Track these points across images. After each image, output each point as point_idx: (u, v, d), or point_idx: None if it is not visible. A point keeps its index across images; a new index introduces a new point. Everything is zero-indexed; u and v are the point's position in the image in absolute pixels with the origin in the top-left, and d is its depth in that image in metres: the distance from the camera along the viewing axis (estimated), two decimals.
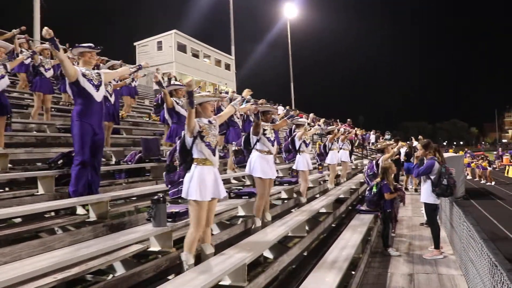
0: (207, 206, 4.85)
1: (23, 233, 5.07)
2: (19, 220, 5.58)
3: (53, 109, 11.14)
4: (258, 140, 7.10)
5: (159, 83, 8.60)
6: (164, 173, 5.23)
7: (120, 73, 7.61)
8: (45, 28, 5.44)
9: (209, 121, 5.01)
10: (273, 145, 7.18)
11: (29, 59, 10.30)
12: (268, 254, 6.60)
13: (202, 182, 4.74)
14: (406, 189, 15.89)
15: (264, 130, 7.11)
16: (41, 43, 17.67)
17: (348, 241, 6.94)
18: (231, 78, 48.24)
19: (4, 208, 5.20)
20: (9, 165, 6.98)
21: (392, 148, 10.15)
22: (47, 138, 9.02)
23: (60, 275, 3.98)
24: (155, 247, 5.33)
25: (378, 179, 7.94)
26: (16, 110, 9.89)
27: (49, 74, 10.13)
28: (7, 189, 6.62)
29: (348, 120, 22.95)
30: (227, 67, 48.31)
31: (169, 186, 5.15)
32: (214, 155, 4.92)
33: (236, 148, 7.71)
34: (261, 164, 7.00)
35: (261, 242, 5.76)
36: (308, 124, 10.39)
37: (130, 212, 6.70)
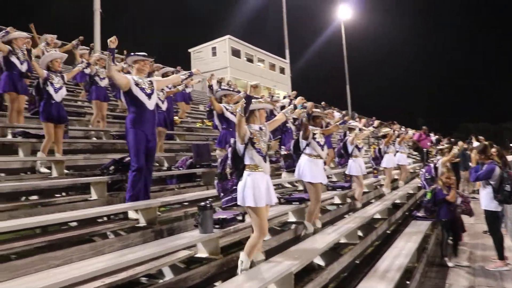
0: (264, 210, 4.84)
1: (76, 237, 5.21)
2: (75, 224, 5.76)
3: (109, 117, 11.51)
4: (307, 145, 6.99)
5: (210, 87, 8.66)
6: (215, 181, 5.21)
7: (171, 81, 7.72)
8: (114, 36, 5.67)
9: (260, 128, 4.97)
10: (323, 150, 7.05)
11: (88, 69, 10.68)
12: (320, 261, 6.45)
13: (255, 188, 4.73)
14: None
15: (314, 134, 7.00)
16: (101, 53, 18.31)
17: (402, 249, 6.68)
18: (286, 82, 48.09)
19: (59, 212, 5.40)
20: (66, 171, 7.25)
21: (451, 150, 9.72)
22: (103, 145, 9.31)
23: (108, 280, 4.05)
24: (202, 253, 5.33)
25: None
26: (75, 118, 10.27)
27: (104, 83, 10.47)
28: (63, 194, 6.87)
29: (424, 127, 22.13)
30: (282, 70, 48.22)
31: (222, 194, 5.15)
32: (265, 161, 4.89)
33: (286, 152, 7.62)
34: (310, 169, 6.88)
35: (310, 249, 5.63)
36: (360, 129, 10.13)
37: (180, 218, 6.76)
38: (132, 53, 6.21)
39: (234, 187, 5.02)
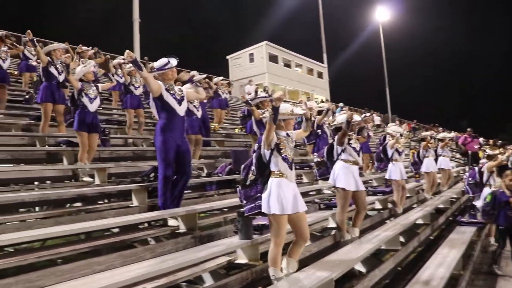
0: (287, 220, 4.73)
1: (118, 243, 5.33)
2: (116, 230, 5.89)
3: (149, 124, 11.73)
4: (343, 150, 6.85)
5: (246, 103, 8.71)
6: (238, 188, 5.06)
7: (197, 97, 7.51)
8: (127, 51, 5.72)
9: (287, 134, 4.89)
10: (359, 155, 6.92)
11: (122, 78, 10.92)
12: (361, 268, 6.34)
13: (280, 196, 4.61)
14: None
15: (349, 139, 6.86)
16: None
17: (447, 256, 6.47)
18: (324, 86, 47.81)
19: (102, 219, 5.54)
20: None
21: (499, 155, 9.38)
22: (143, 152, 9.49)
23: (149, 285, 4.12)
24: (241, 259, 5.34)
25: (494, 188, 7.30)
26: (116, 127, 10.53)
27: (138, 91, 10.69)
28: (106, 200, 7.05)
29: (468, 129, 21.52)
30: (320, 75, 47.96)
31: (244, 201, 4.96)
32: (291, 169, 4.77)
33: (319, 159, 7.48)
34: (346, 175, 6.67)
35: (351, 256, 5.54)
36: (401, 134, 9.92)
37: (219, 224, 6.81)
38: (156, 69, 6.24)
39: (258, 195, 4.83)
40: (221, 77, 15.01)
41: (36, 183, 7.26)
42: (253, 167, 4.86)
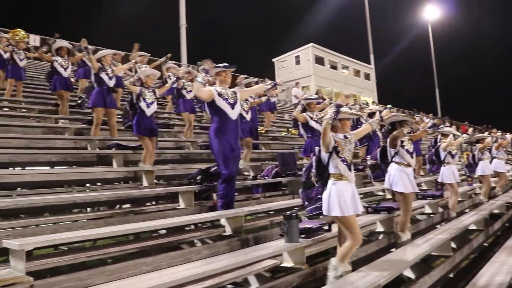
0: (353, 218, 4.75)
1: (165, 244, 5.40)
2: (163, 231, 5.97)
3: (196, 127, 11.89)
4: (396, 153, 6.73)
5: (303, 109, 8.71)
6: (300, 190, 5.22)
7: (255, 90, 7.78)
8: (207, 61, 6.02)
9: (345, 136, 4.89)
10: (412, 157, 6.77)
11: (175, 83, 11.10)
12: (409, 273, 6.16)
13: (340, 198, 4.67)
14: None
15: (402, 141, 6.71)
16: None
17: (504, 264, 6.15)
18: (371, 87, 47.00)
19: (150, 220, 5.64)
20: (155, 180, 7.57)
21: None
22: (190, 155, 9.61)
23: (195, 287, 4.14)
24: (287, 262, 5.29)
25: None
26: (164, 130, 10.71)
27: (190, 95, 10.80)
28: (153, 202, 7.17)
29: None
30: (367, 76, 47.17)
31: (306, 203, 5.14)
32: (350, 170, 4.82)
33: (372, 162, 7.36)
34: (401, 178, 6.60)
35: (400, 261, 5.39)
36: (454, 135, 9.60)
37: (265, 227, 6.79)
38: (214, 65, 6.33)
39: (319, 196, 4.99)
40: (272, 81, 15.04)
41: (87, 184, 7.48)
42: (313, 170, 4.97)
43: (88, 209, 6.74)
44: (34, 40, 22.06)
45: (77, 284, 3.91)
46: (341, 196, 4.68)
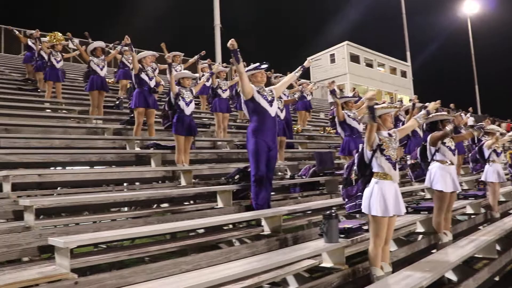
0: (387, 222, 4.66)
1: (204, 243, 5.41)
2: (201, 231, 6.00)
3: (231, 127, 11.93)
4: (437, 150, 6.56)
5: (333, 91, 8.53)
6: (341, 186, 5.22)
7: (288, 82, 7.50)
8: (232, 39, 5.86)
9: (389, 134, 4.81)
10: (454, 155, 6.59)
11: (209, 82, 11.16)
12: (451, 276, 5.98)
13: (383, 197, 4.60)
14: None
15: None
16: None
17: None
18: (408, 85, 46.14)
19: (188, 220, 5.67)
20: (193, 180, 7.61)
21: None
22: (227, 154, 9.64)
23: (234, 286, 4.13)
24: (327, 263, 5.23)
25: None
26: (201, 130, 10.79)
27: (225, 94, 10.85)
28: (191, 202, 7.21)
29: None
30: (403, 74, 46.35)
31: (346, 200, 5.09)
32: (395, 169, 4.73)
33: (413, 161, 7.20)
34: (443, 176, 6.42)
35: (441, 262, 5.25)
36: (501, 134, 9.28)
37: (303, 227, 6.74)
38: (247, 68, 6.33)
39: (359, 194, 4.93)
40: (309, 81, 14.97)
41: (125, 184, 7.59)
42: (355, 167, 4.95)
43: (125, 208, 6.82)
44: (73, 42, 22.57)
45: (118, 282, 3.96)
46: (383, 196, 4.61)
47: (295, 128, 12.75)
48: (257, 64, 6.29)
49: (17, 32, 14.29)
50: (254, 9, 46.22)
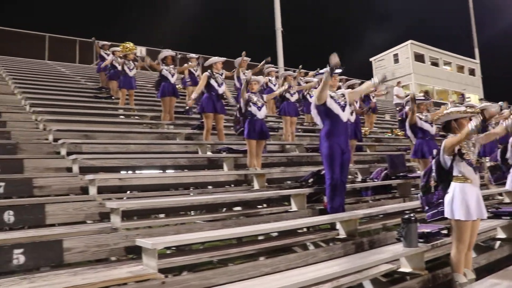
0: (471, 226, 4.55)
1: (279, 246, 5.48)
2: (275, 234, 6.07)
3: (299, 130, 11.96)
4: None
5: (413, 99, 8.35)
6: (419, 194, 5.12)
7: (364, 91, 7.52)
8: (337, 57, 5.83)
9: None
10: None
11: (276, 86, 11.26)
12: None
13: (465, 201, 4.50)
14: None
15: None
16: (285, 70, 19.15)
17: None
18: (477, 84, 44.30)
19: (264, 223, 5.76)
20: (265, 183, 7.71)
21: None
22: (297, 158, 9.68)
23: None
24: (405, 268, 5.14)
25: None
26: (270, 133, 10.89)
27: (294, 98, 10.89)
28: (264, 205, 7.30)
29: None
30: (471, 72, 44.54)
31: (426, 208, 5.02)
32: (476, 173, 4.64)
33: (492, 163, 6.95)
34: None
35: None
36: None
37: (377, 230, 6.67)
38: (318, 72, 6.36)
39: (440, 200, 4.84)
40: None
41: (191, 188, 7.74)
42: (433, 173, 4.83)
43: (193, 211, 6.97)
44: (141, 51, 23.47)
45: (202, 283, 4.09)
46: (466, 200, 4.52)
47: (362, 131, 12.59)
48: (328, 68, 6.26)
49: (95, 42, 15.02)
50: (315, 12, 45.95)
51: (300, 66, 13.54)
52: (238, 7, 40.93)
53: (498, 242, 6.74)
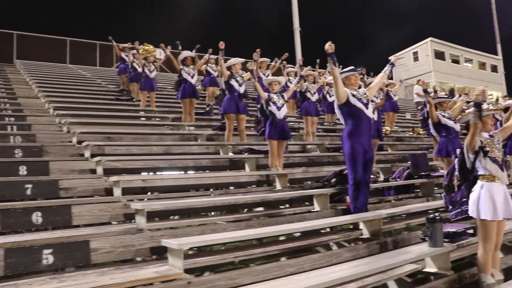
0: (497, 226, 4.49)
1: (303, 246, 5.48)
2: (298, 234, 6.07)
3: (319, 130, 11.93)
4: None
5: (425, 91, 8.28)
6: (443, 194, 5.10)
7: (379, 83, 7.36)
8: (329, 42, 5.84)
9: (490, 135, 4.62)
10: None
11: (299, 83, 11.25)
12: None
13: (491, 200, 4.43)
14: None
15: None
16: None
17: None
18: (499, 80, 43.53)
19: (288, 223, 5.76)
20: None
21: None
22: (318, 158, 9.66)
23: None
24: (430, 268, 5.09)
25: None
26: (292, 133, 10.90)
27: (314, 98, 10.88)
28: (287, 205, 7.30)
29: None
30: (494, 69, 43.80)
31: (450, 207, 4.98)
32: (502, 170, 4.55)
33: None
34: None
35: None
36: None
37: (399, 230, 6.62)
38: (340, 70, 6.28)
39: (464, 199, 4.80)
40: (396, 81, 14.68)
41: (212, 188, 7.75)
42: (456, 173, 4.76)
43: (214, 212, 6.99)
44: (160, 53, 23.69)
45: (227, 283, 4.12)
46: (493, 198, 4.45)
47: (383, 130, 12.51)
48: (352, 66, 6.26)
49: (115, 44, 15.18)
50: (332, 11, 45.72)
51: (318, 61, 13.54)
52: (251, 7, 41.03)
53: None
